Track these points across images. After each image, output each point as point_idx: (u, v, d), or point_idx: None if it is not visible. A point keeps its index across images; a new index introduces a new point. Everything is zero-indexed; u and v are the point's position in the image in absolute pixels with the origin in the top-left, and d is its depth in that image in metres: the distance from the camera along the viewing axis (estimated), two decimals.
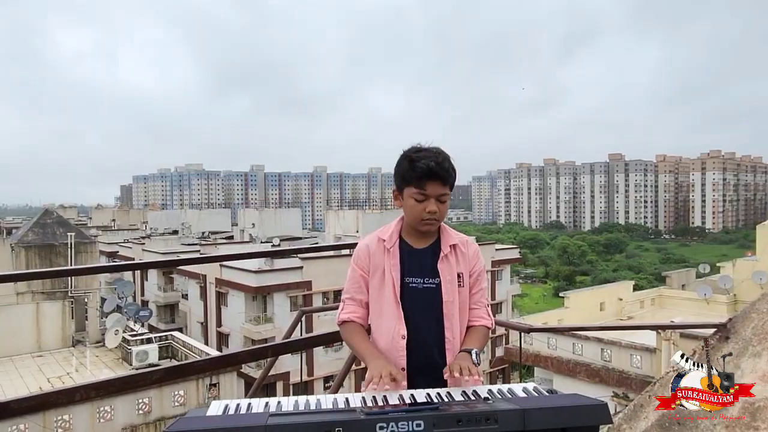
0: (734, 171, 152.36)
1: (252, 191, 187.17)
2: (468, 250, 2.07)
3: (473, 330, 2.05)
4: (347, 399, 1.58)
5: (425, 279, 1.99)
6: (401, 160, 2.00)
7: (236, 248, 37.92)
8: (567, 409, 1.34)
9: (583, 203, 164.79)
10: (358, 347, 1.98)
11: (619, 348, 14.42)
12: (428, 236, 2.05)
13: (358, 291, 2.06)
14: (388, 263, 2.00)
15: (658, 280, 56.91)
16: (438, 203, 1.96)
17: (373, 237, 2.10)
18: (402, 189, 2.01)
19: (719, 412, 2.69)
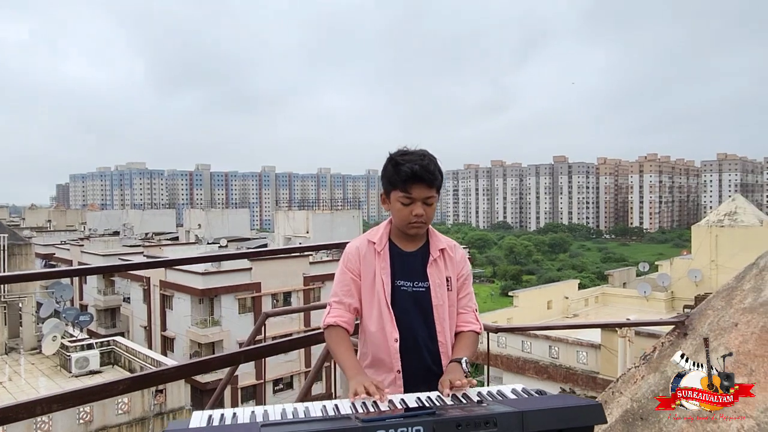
0: (669, 174, 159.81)
1: (197, 191, 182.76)
2: (455, 254, 2.07)
3: (462, 336, 2.04)
4: (336, 406, 1.54)
5: (415, 282, 1.99)
6: (387, 164, 1.99)
7: (182, 250, 36.92)
8: (563, 410, 1.34)
9: (529, 204, 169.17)
10: (340, 358, 1.92)
11: (566, 345, 14.79)
12: (417, 239, 2.05)
13: (347, 294, 2.02)
14: (379, 266, 1.99)
15: (600, 279, 59.03)
16: (424, 206, 1.95)
17: (362, 239, 2.07)
18: (389, 192, 2.00)
19: (680, 408, 2.74)
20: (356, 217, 42.29)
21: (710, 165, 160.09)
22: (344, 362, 1.89)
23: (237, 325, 27.72)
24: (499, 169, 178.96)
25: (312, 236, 37.64)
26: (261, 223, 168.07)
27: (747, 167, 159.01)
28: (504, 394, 1.57)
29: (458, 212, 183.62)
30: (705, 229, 22.35)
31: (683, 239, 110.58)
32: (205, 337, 27.10)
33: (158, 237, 47.73)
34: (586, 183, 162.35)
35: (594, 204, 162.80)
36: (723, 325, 2.83)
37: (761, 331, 2.71)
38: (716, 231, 21.70)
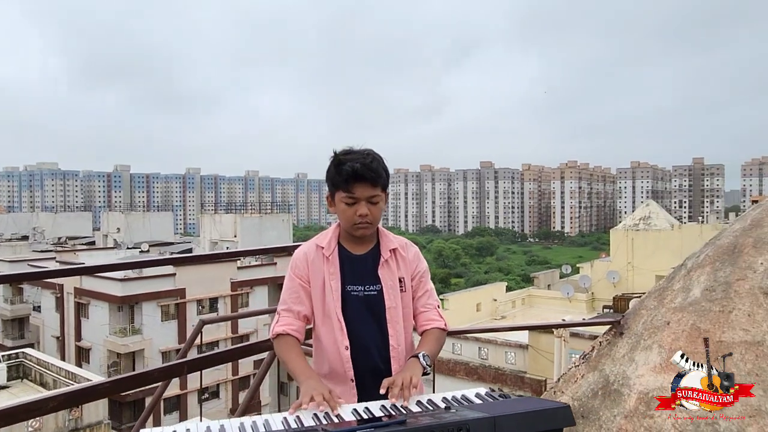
0: (588, 180, 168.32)
1: (116, 193, 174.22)
2: (408, 253, 2.02)
3: (427, 334, 1.98)
4: (298, 417, 1.50)
5: (366, 286, 1.93)
6: (330, 165, 1.94)
7: (100, 255, 35.02)
8: (534, 413, 1.34)
9: (457, 208, 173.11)
10: (291, 365, 1.84)
11: (495, 346, 15.11)
12: (367, 241, 1.99)
13: (297, 302, 1.94)
14: (328, 271, 1.92)
15: (525, 281, 61.13)
16: (369, 205, 1.89)
17: (310, 244, 2.00)
18: (333, 194, 1.95)
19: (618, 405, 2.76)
20: (286, 220, 41.67)
21: (625, 172, 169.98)
22: (295, 368, 1.81)
23: (160, 333, 26.58)
24: (428, 173, 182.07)
25: (240, 240, 36.70)
26: (185, 227, 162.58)
27: (657, 175, 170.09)
28: (469, 399, 1.55)
29: (387, 216, 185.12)
30: (622, 232, 23.58)
31: (601, 242, 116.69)
32: (124, 346, 25.82)
33: (72, 241, 45.09)
34: (511, 188, 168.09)
35: (519, 208, 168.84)
36: (656, 324, 2.87)
37: (691, 329, 2.77)
38: (632, 234, 22.95)
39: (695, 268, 3.00)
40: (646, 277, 21.77)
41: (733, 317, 2.68)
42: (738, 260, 2.86)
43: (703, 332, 2.71)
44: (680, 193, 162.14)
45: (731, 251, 2.92)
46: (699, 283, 2.90)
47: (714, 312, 2.74)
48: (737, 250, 2.90)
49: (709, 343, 2.69)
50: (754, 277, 2.76)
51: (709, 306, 2.78)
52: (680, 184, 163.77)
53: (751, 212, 3.07)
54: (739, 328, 2.63)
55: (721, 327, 2.68)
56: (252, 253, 3.92)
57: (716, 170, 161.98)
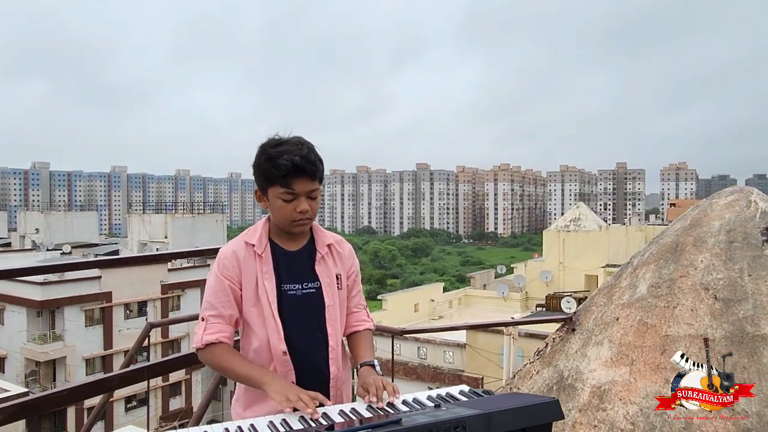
0: (520, 183, 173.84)
1: (34, 192, 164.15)
2: (344, 249, 1.94)
3: (361, 336, 1.92)
4: (285, 420, 1.47)
5: (304, 284, 1.81)
6: (260, 157, 1.78)
7: (17, 258, 32.88)
8: (526, 408, 1.35)
9: (393, 209, 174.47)
10: (242, 370, 1.70)
11: (434, 346, 15.27)
12: (301, 237, 1.87)
13: (227, 305, 1.76)
14: (261, 270, 1.78)
15: (460, 281, 62.30)
16: (309, 200, 1.77)
17: (239, 242, 1.83)
18: (265, 189, 1.79)
19: (572, 399, 2.80)
20: (220, 221, 40.59)
21: (554, 176, 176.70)
22: (249, 372, 1.69)
23: (84, 339, 25.21)
24: (365, 174, 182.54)
25: (171, 242, 35.41)
26: (110, 227, 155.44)
27: (584, 178, 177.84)
28: (454, 397, 1.56)
29: (324, 217, 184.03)
30: (554, 233, 24.45)
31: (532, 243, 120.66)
32: (44, 354, 24.32)
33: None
34: (446, 190, 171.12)
35: (454, 210, 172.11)
36: (606, 320, 2.94)
37: (639, 324, 2.85)
38: (563, 235, 23.84)
39: (641, 265, 3.09)
40: (576, 276, 22.70)
41: (677, 312, 2.78)
42: (680, 258, 2.97)
43: (650, 327, 2.80)
44: (605, 196, 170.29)
45: (674, 249, 3.03)
46: (645, 280, 2.99)
47: (660, 307, 2.83)
48: (679, 249, 3.01)
49: (657, 336, 2.77)
50: (696, 273, 2.87)
51: (655, 302, 2.86)
52: (605, 188, 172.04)
53: (691, 212, 3.20)
54: (684, 322, 2.72)
55: (666, 321, 2.77)
56: (187, 255, 3.62)
57: (638, 174, 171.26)
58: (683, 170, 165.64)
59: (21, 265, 6.45)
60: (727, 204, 3.05)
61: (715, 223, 2.98)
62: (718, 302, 2.68)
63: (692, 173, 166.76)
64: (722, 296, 2.69)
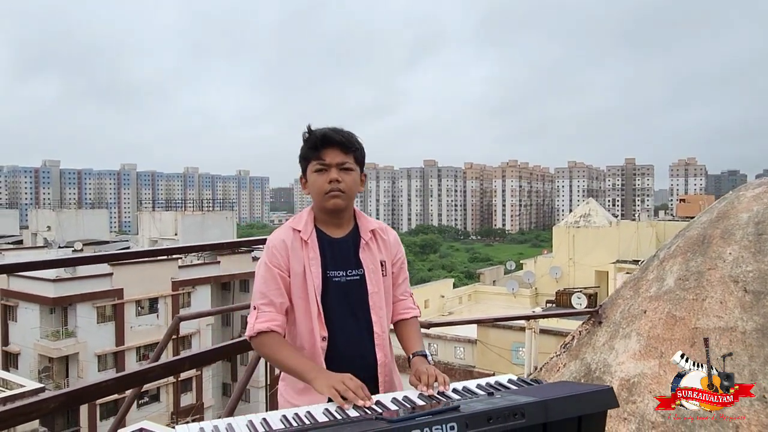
0: (528, 179, 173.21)
1: (44, 190, 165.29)
2: (388, 236, 1.93)
3: (408, 324, 1.93)
4: (341, 408, 1.46)
5: (348, 271, 1.82)
6: (302, 144, 1.86)
7: (28, 254, 33.13)
8: (581, 396, 1.33)
9: (401, 206, 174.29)
10: (291, 362, 1.70)
11: (444, 341, 15.26)
12: (345, 224, 1.88)
13: (278, 294, 1.77)
14: (307, 257, 1.79)
15: (468, 278, 62.20)
16: (341, 172, 1.79)
17: (286, 229, 1.85)
18: (305, 170, 1.84)
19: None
20: (229, 218, 40.75)
21: (562, 172, 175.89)
22: (297, 365, 1.68)
23: (95, 335, 25.42)
24: (373, 171, 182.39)
25: (181, 238, 35.56)
26: (120, 225, 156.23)
27: (593, 174, 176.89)
28: (504, 385, 1.54)
29: None
30: (564, 229, 24.35)
31: (540, 239, 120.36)
32: (57, 350, 24.54)
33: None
34: (454, 186, 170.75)
35: (462, 206, 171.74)
36: (633, 313, 2.92)
37: (667, 316, 2.83)
38: (573, 231, 23.73)
39: (667, 258, 3.08)
40: (586, 272, 22.60)
41: (706, 305, 2.76)
42: (708, 250, 2.95)
43: (679, 319, 2.79)
44: (613, 192, 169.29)
45: (701, 242, 3.01)
46: (672, 273, 2.97)
47: (688, 300, 2.82)
48: (706, 241, 3.00)
49: (686, 329, 2.76)
50: (724, 266, 2.85)
51: (683, 294, 2.85)
52: (613, 184, 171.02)
53: (717, 205, 3.18)
54: (713, 315, 2.71)
55: (695, 314, 2.76)
56: (209, 248, 3.56)
57: (646, 170, 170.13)
58: (692, 166, 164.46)
59: (30, 259, 6.44)
60: (755, 196, 3.03)
61: (743, 215, 2.96)
62: (748, 294, 2.67)
63: (701, 169, 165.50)
64: (752, 288, 2.67)
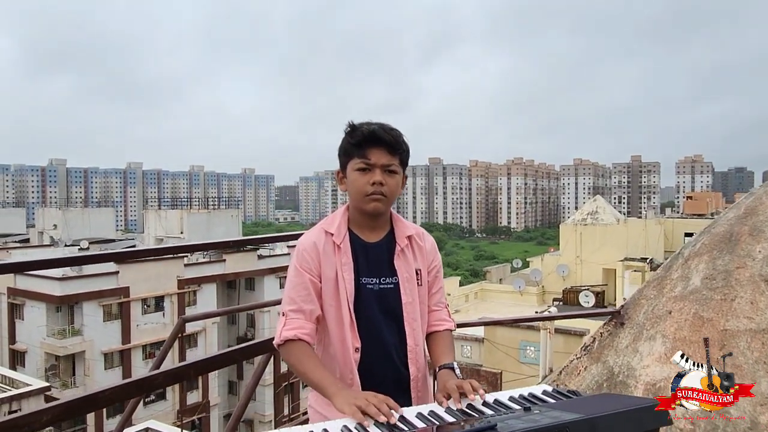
0: (533, 177, 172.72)
1: (51, 188, 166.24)
2: (425, 242, 1.81)
3: (440, 337, 1.78)
4: (360, 425, 1.35)
5: (382, 278, 1.70)
6: (344, 138, 1.73)
7: (34, 252, 33.19)
8: (631, 413, 1.23)
9: (406, 204, 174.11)
10: (313, 376, 1.58)
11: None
12: (380, 228, 1.76)
13: (307, 300, 1.66)
14: (340, 262, 1.67)
15: (473, 275, 62.05)
16: (385, 175, 1.66)
17: (318, 231, 1.73)
18: (345, 166, 1.72)
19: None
20: (235, 216, 40.74)
21: (568, 169, 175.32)
22: (321, 379, 1.56)
23: (102, 333, 25.44)
24: None
25: (187, 237, 35.55)
26: (126, 223, 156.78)
27: (598, 172, 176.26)
28: (539, 397, 1.42)
29: None
30: (571, 227, 24.17)
31: (546, 237, 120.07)
32: (63, 348, 24.58)
33: (4, 239, 42.56)
34: (459, 184, 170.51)
35: (467, 204, 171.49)
36: (658, 314, 2.80)
37: (694, 317, 2.71)
38: (581, 229, 23.55)
39: (692, 256, 2.95)
40: (593, 270, 22.43)
41: (735, 305, 2.63)
42: (736, 248, 2.82)
43: (707, 321, 2.66)
44: (619, 190, 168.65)
45: (728, 239, 2.89)
46: (698, 272, 2.85)
47: (716, 300, 2.69)
48: (734, 238, 2.87)
49: (714, 331, 2.63)
50: (754, 264, 2.72)
51: (711, 294, 2.72)
52: (619, 181, 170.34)
53: (744, 201, 3.05)
54: (743, 316, 2.58)
55: (724, 315, 2.63)
56: (213, 247, 3.32)
57: (653, 167, 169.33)
58: (699, 163, 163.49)
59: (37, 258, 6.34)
60: None
61: None
62: None
63: (708, 166, 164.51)
64: None
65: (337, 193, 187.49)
